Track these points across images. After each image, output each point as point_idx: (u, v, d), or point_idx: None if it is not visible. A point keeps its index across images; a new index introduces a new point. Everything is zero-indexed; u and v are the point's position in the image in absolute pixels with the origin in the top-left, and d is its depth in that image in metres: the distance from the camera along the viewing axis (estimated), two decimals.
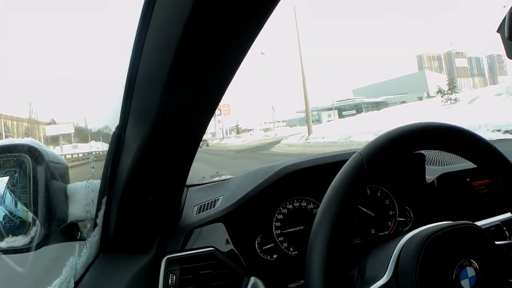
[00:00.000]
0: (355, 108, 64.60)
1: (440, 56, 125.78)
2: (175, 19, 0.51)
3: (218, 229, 0.95)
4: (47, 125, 36.87)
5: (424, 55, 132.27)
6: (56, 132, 33.31)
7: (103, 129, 17.91)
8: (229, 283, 0.87)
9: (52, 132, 33.89)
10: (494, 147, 0.72)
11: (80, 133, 35.32)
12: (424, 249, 0.59)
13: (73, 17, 48.61)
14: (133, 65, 0.64)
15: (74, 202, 0.86)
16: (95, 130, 30.38)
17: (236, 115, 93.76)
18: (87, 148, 20.10)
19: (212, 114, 0.68)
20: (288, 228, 1.02)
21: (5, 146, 0.83)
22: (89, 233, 0.85)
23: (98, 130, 25.60)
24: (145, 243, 0.86)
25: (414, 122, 0.71)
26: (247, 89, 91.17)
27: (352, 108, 65.28)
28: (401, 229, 1.10)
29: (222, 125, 61.15)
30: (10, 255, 0.80)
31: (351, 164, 0.65)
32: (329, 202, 0.62)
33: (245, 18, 0.50)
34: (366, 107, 64.89)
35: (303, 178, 1.03)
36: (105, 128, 10.40)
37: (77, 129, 36.29)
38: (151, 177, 0.77)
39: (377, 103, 66.78)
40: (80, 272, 0.82)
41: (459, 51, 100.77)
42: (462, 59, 67.53)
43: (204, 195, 1.10)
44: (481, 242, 0.63)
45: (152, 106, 0.63)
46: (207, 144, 38.01)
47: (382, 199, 1.10)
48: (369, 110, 58.77)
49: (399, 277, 0.60)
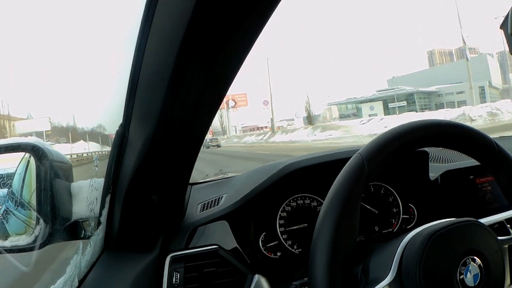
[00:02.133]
0: (406, 99, 49.30)
1: (451, 51, 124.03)
2: (178, 18, 0.51)
3: (222, 227, 0.95)
4: (18, 121, 31.94)
5: (436, 50, 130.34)
6: (29, 129, 29.21)
7: (96, 128, 16.61)
8: (233, 281, 0.87)
9: (24, 129, 30.01)
10: (497, 144, 0.72)
11: (61, 132, 32.36)
12: (428, 247, 0.59)
13: (74, 16, 48.52)
14: (136, 64, 0.64)
15: (78, 201, 0.86)
16: (84, 129, 27.23)
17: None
18: (68, 149, 18.28)
19: (215, 112, 0.68)
20: (292, 226, 1.02)
21: (9, 145, 0.83)
22: (93, 231, 0.86)
23: (87, 129, 23.17)
24: (149, 241, 0.86)
25: (415, 120, 0.70)
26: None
27: (403, 98, 49.49)
28: (405, 227, 1.10)
29: (272, 114, 46.23)
30: (15, 254, 0.81)
31: (351, 164, 0.65)
32: (331, 203, 0.62)
33: (247, 17, 0.50)
34: (420, 98, 51.18)
35: (306, 175, 1.03)
36: (98, 127, 10.15)
37: (58, 127, 32.87)
38: (154, 175, 0.77)
39: (429, 94, 52.44)
40: (84, 270, 0.82)
41: (471, 46, 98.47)
42: (474, 55, 62.91)
43: (208, 193, 1.10)
44: (485, 239, 0.63)
45: (155, 104, 0.63)
46: (218, 145, 32.68)
47: (385, 197, 1.10)
48: (421, 103, 49.14)
49: (403, 275, 0.60)
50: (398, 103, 47.70)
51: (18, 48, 68.65)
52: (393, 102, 48.40)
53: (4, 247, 0.80)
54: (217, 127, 67.18)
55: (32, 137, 0.89)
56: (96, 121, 12.48)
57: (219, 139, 41.69)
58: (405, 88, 51.71)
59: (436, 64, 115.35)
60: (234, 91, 63.49)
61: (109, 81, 0.85)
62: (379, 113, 44.02)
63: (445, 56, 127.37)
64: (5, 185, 0.84)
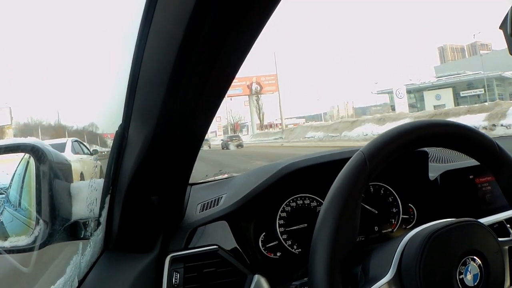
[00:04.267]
0: (483, 86, 37.43)
1: (463, 48, 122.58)
2: (177, 18, 0.51)
3: (222, 227, 0.95)
4: None
5: (448, 46, 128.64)
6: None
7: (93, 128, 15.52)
8: (233, 281, 0.87)
9: None
10: (497, 144, 0.72)
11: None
12: (428, 247, 0.59)
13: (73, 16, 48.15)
14: (136, 64, 0.64)
15: (78, 201, 0.86)
16: (86, 129, 24.78)
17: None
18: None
19: (215, 112, 0.68)
20: (291, 226, 1.02)
21: (8, 146, 0.83)
22: (93, 232, 0.86)
23: (89, 130, 21.20)
24: (149, 242, 0.86)
25: (416, 120, 0.71)
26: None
27: (478, 85, 37.68)
28: (405, 227, 1.10)
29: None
30: (14, 255, 0.81)
31: (353, 162, 0.65)
32: (332, 201, 0.62)
33: (246, 17, 0.50)
34: (498, 85, 39.01)
35: (306, 175, 1.03)
36: (92, 126, 10.02)
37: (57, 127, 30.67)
38: (154, 176, 0.77)
39: (502, 79, 39.40)
40: (84, 271, 0.82)
41: (484, 42, 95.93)
42: (487, 52, 59.31)
43: (208, 193, 1.10)
44: (485, 240, 0.63)
45: (155, 105, 0.63)
46: (240, 144, 28.18)
47: (385, 197, 1.10)
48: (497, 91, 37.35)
49: (403, 274, 0.60)
50: (472, 91, 37.28)
51: (18, 48, 68.63)
52: (465, 90, 37.80)
53: (3, 247, 0.80)
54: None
55: (32, 137, 0.89)
56: (96, 122, 12.38)
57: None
58: (479, 73, 38.04)
59: (448, 60, 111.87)
60: (258, 72, 51.02)
61: (108, 81, 0.85)
62: (448, 104, 32.90)
63: (457, 52, 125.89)
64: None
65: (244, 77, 49.16)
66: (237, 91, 49.73)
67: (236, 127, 54.99)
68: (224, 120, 56.02)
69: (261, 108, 50.98)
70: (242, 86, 50.00)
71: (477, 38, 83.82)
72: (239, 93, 50.44)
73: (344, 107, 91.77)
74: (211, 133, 49.99)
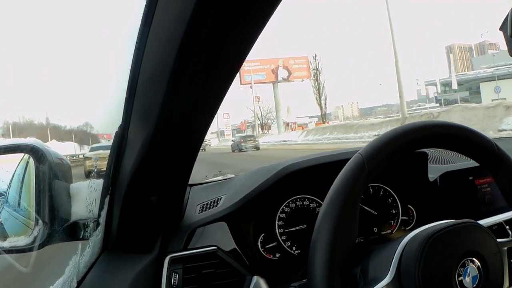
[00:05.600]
0: None
1: (471, 47, 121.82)
2: (177, 18, 0.51)
3: (221, 228, 0.95)
4: None
5: (456, 45, 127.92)
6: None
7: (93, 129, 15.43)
8: (232, 282, 0.87)
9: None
10: (497, 145, 0.72)
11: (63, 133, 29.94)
12: (427, 248, 0.59)
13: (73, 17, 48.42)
14: (136, 64, 0.64)
15: (77, 202, 0.86)
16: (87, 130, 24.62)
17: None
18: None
19: (215, 112, 0.68)
20: (291, 227, 1.02)
21: (8, 146, 0.83)
22: (92, 232, 0.86)
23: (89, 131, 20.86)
24: (148, 242, 0.86)
25: (416, 121, 0.71)
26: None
27: None
28: (404, 228, 1.09)
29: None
30: (13, 255, 0.81)
31: (352, 164, 0.65)
32: (331, 203, 0.62)
33: (247, 16, 0.50)
34: None
35: (305, 177, 1.03)
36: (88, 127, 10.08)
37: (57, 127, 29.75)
38: (154, 176, 0.77)
39: None
40: (82, 271, 0.82)
41: (492, 42, 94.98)
42: (495, 51, 57.09)
43: (207, 194, 1.10)
44: (484, 241, 0.63)
45: (155, 105, 0.63)
46: (255, 146, 23.93)
47: (384, 198, 1.10)
48: None
49: (402, 276, 0.60)
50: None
51: (17, 48, 68.64)
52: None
53: (3, 247, 0.80)
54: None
55: (32, 138, 0.89)
56: (96, 122, 12.43)
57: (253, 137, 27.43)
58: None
59: (456, 60, 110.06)
60: (283, 54, 43.51)
61: (108, 81, 0.85)
62: (508, 97, 25.90)
63: (464, 51, 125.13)
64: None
65: (267, 59, 39.19)
66: (259, 76, 40.36)
67: (242, 127, 46.87)
68: (242, 115, 47.08)
69: (278, 101, 39.02)
70: (266, 71, 40.80)
71: (485, 38, 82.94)
72: (262, 79, 41.02)
73: (349, 108, 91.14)
74: (211, 133, 44.32)
